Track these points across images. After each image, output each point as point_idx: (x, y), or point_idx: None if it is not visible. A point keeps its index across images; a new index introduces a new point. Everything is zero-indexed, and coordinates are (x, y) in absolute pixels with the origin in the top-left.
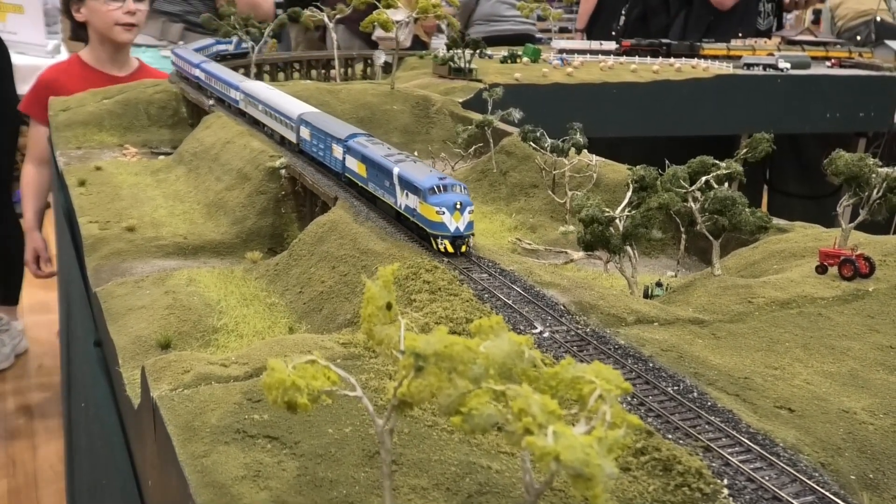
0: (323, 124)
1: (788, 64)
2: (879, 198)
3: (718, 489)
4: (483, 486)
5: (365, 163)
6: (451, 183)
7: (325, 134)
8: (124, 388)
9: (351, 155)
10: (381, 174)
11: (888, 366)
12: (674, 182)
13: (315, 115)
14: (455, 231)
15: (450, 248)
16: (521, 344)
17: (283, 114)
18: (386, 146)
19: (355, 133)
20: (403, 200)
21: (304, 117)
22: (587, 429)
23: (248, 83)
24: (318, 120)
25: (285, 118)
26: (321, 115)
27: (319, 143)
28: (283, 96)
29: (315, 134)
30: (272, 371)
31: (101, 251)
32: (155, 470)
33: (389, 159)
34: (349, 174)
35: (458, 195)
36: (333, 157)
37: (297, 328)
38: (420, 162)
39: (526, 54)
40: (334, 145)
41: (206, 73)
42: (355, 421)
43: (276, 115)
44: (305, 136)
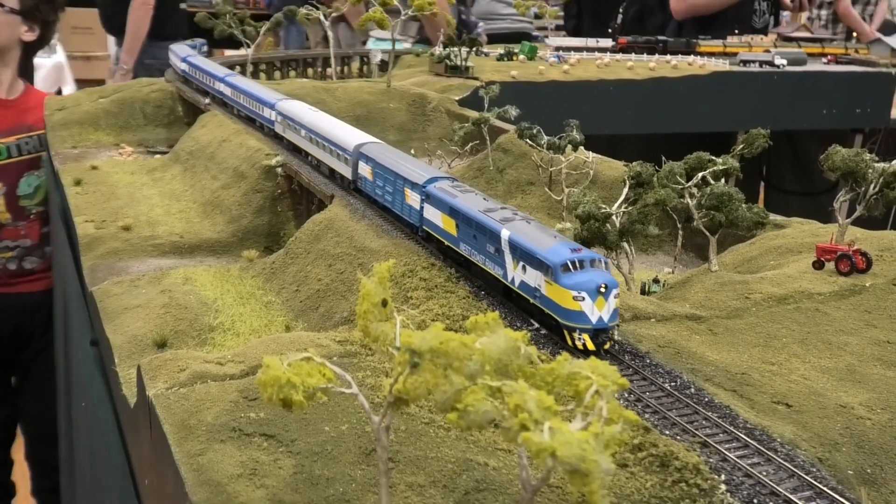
0: (392, 162)
1: (785, 60)
2: (876, 193)
3: (716, 484)
4: (480, 483)
5: (455, 217)
6: (589, 256)
7: (396, 175)
8: (120, 387)
9: (433, 205)
10: (480, 235)
11: (885, 360)
12: (670, 178)
13: (380, 150)
14: (598, 323)
15: (590, 345)
16: (517, 340)
17: (336, 144)
18: (482, 196)
19: (437, 176)
20: (517, 275)
21: (364, 151)
22: (584, 425)
23: (286, 102)
24: (384, 156)
25: (338, 149)
26: (388, 151)
27: (386, 186)
28: (334, 122)
29: (380, 173)
30: (267, 368)
31: (96, 250)
32: (151, 468)
33: (492, 216)
34: (430, 228)
35: (600, 273)
36: (407, 204)
37: (293, 326)
38: (533, 221)
39: (522, 52)
40: (408, 190)
41: (232, 88)
42: (352, 418)
43: (325, 145)
44: (365, 174)
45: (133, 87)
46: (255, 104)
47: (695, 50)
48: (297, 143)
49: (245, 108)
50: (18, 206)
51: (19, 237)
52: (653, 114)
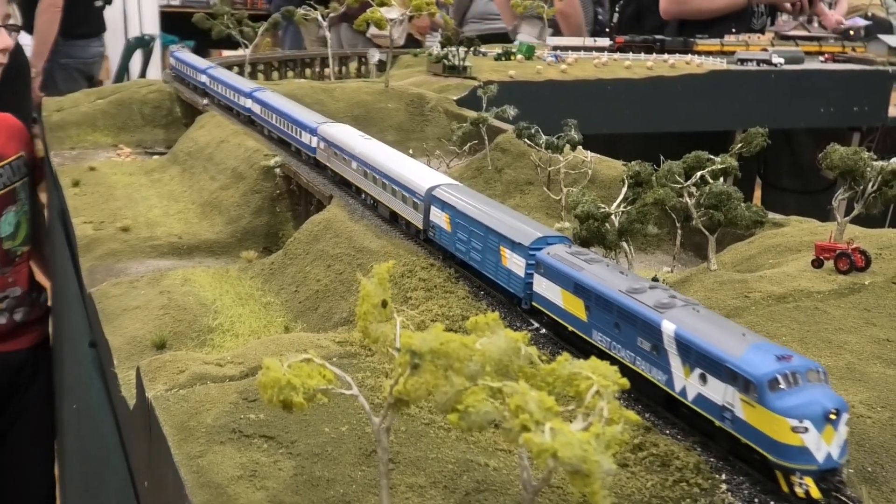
0: (480, 212)
1: (782, 59)
2: (874, 191)
3: (717, 484)
4: (480, 484)
5: (584, 297)
6: (804, 365)
7: (487, 230)
8: (119, 389)
9: (547, 277)
10: (627, 325)
11: (885, 359)
12: (669, 177)
13: (462, 195)
14: (826, 462)
15: (815, 492)
16: (517, 341)
17: (401, 183)
18: (616, 268)
19: (548, 236)
20: (692, 385)
21: (439, 195)
22: (584, 425)
23: (330, 127)
24: (468, 203)
25: (404, 190)
26: (472, 197)
27: (472, 241)
28: (395, 155)
29: (462, 224)
30: (267, 370)
31: (95, 251)
32: (150, 470)
33: (642, 300)
34: (543, 306)
35: (823, 391)
36: (504, 268)
37: (292, 327)
38: (701, 307)
39: (520, 52)
40: (506, 250)
41: (262, 106)
42: (352, 420)
43: (385, 183)
44: (440, 223)
45: (131, 88)
46: (291, 127)
47: (692, 49)
48: (347, 176)
49: (278, 130)
50: (2, 251)
51: (7, 286)
52: (650, 113)
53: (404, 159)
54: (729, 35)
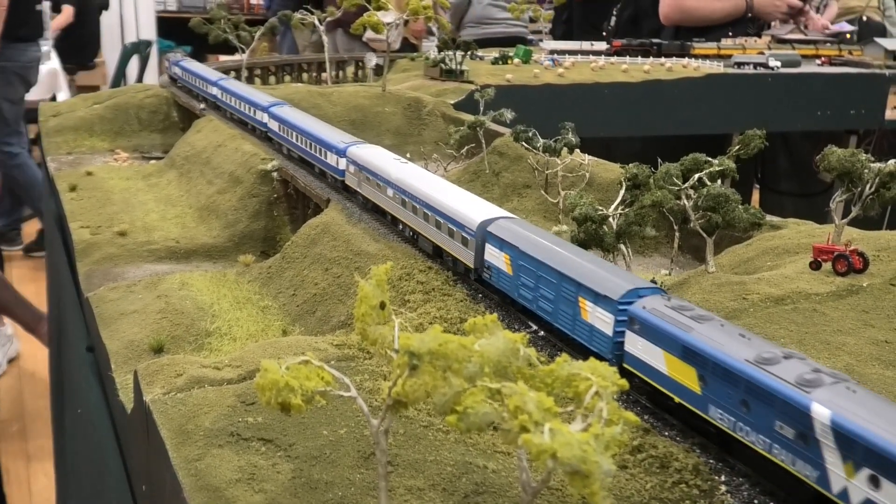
0: (551, 255)
1: (779, 62)
2: (872, 193)
3: (716, 485)
4: (479, 486)
5: (697, 365)
6: None
7: (560, 276)
8: (117, 393)
9: (646, 336)
10: (760, 405)
11: (883, 360)
12: (667, 179)
13: (523, 232)
14: None
15: None
16: (516, 342)
17: (448, 216)
18: (734, 328)
19: (639, 287)
20: (857, 488)
21: (496, 231)
22: (584, 426)
23: (361, 149)
24: (534, 242)
25: (452, 224)
26: (537, 234)
27: (540, 287)
28: (439, 183)
29: (527, 267)
30: (265, 372)
31: (92, 256)
32: (148, 474)
33: (777, 372)
34: (640, 370)
35: None
36: (583, 322)
37: (290, 331)
38: (857, 386)
39: (517, 55)
40: (586, 302)
41: (280, 122)
42: (350, 422)
43: (428, 214)
44: (497, 264)
45: (128, 93)
46: (314, 147)
47: (689, 52)
48: (381, 203)
49: (299, 150)
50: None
51: None
52: (648, 116)
53: (450, 188)
54: (726, 39)
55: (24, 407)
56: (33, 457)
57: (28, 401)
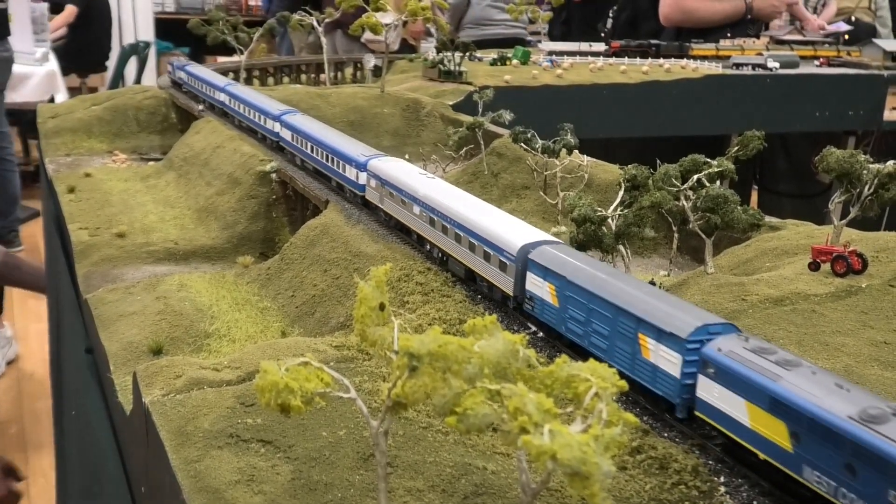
0: (604, 287)
1: (777, 63)
2: (871, 194)
3: (715, 486)
4: (479, 488)
5: (785, 417)
6: None
7: (618, 311)
8: (116, 395)
9: (723, 382)
10: (867, 470)
11: (882, 361)
12: (666, 181)
13: (573, 260)
14: None
15: None
16: (515, 343)
17: (485, 238)
18: (829, 376)
19: (709, 324)
20: None
21: (539, 258)
22: (583, 427)
23: (382, 162)
24: (585, 275)
25: (489, 247)
26: (590, 265)
27: (594, 321)
28: (471, 200)
29: (575, 298)
30: (265, 373)
31: (91, 257)
32: (147, 476)
33: (889, 433)
34: (715, 418)
35: None
36: (648, 363)
37: (289, 332)
38: None
39: (515, 56)
40: (648, 340)
41: (294, 132)
42: (349, 423)
43: (460, 235)
44: (541, 294)
45: (126, 95)
46: (332, 159)
47: (687, 53)
48: (406, 222)
49: (314, 161)
50: None
51: None
52: (646, 117)
53: (485, 206)
54: (724, 40)
55: (23, 409)
56: (32, 458)
57: (27, 402)
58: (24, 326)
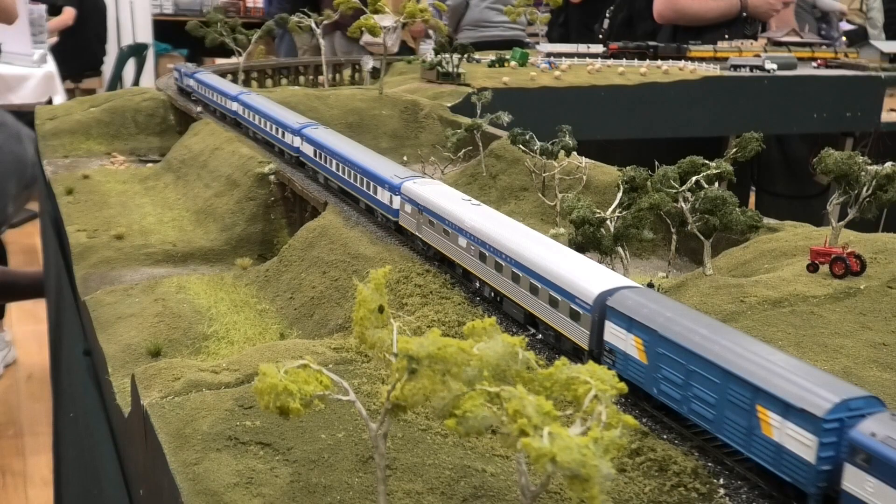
0: (709, 347)
1: (775, 65)
2: (869, 195)
3: (714, 489)
4: (478, 490)
5: None
6: None
7: (728, 376)
8: (114, 397)
9: (884, 477)
10: None
11: (881, 363)
12: (664, 182)
13: (666, 312)
14: None
15: None
16: (514, 345)
17: (552, 282)
18: None
19: (852, 398)
20: None
21: (620, 306)
22: (583, 430)
23: (420, 186)
24: (684, 329)
25: (558, 291)
26: (688, 317)
27: (694, 385)
28: (531, 235)
29: (675, 359)
30: (264, 376)
31: (89, 259)
32: (146, 478)
33: None
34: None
35: None
36: (769, 441)
37: (288, 334)
38: None
39: (514, 58)
40: (772, 415)
41: (316, 147)
42: (348, 426)
43: (521, 275)
44: (627, 349)
45: (124, 97)
46: (360, 179)
47: (685, 55)
48: (449, 253)
49: (340, 180)
50: None
51: None
52: (645, 119)
53: (550, 243)
54: (722, 41)
55: (21, 412)
56: (30, 461)
57: (25, 405)
58: (22, 329)
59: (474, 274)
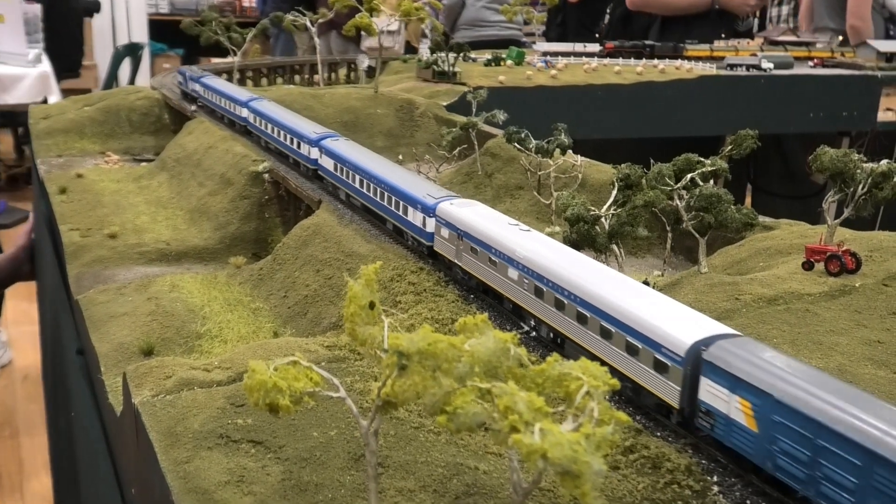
0: (840, 410)
1: (771, 64)
2: (865, 193)
3: (708, 486)
4: (470, 488)
5: None
6: None
7: (873, 457)
8: (107, 396)
9: None
10: None
11: (876, 360)
12: (659, 180)
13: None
14: None
15: None
16: (506, 341)
17: (630, 326)
18: None
19: None
20: None
21: (726, 363)
22: (575, 426)
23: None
24: (795, 385)
25: (638, 338)
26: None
27: (822, 461)
28: (599, 270)
29: (799, 431)
30: (253, 373)
31: (82, 258)
32: (138, 477)
33: None
34: None
35: None
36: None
37: (281, 332)
38: None
39: (510, 57)
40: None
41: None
42: (340, 424)
43: (590, 317)
44: (731, 413)
45: (118, 95)
46: (389, 199)
47: (682, 54)
48: (495, 286)
49: (365, 198)
50: None
51: None
52: (641, 118)
53: (621, 279)
54: (718, 41)
55: (17, 413)
56: (26, 461)
57: (21, 406)
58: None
59: (528, 311)
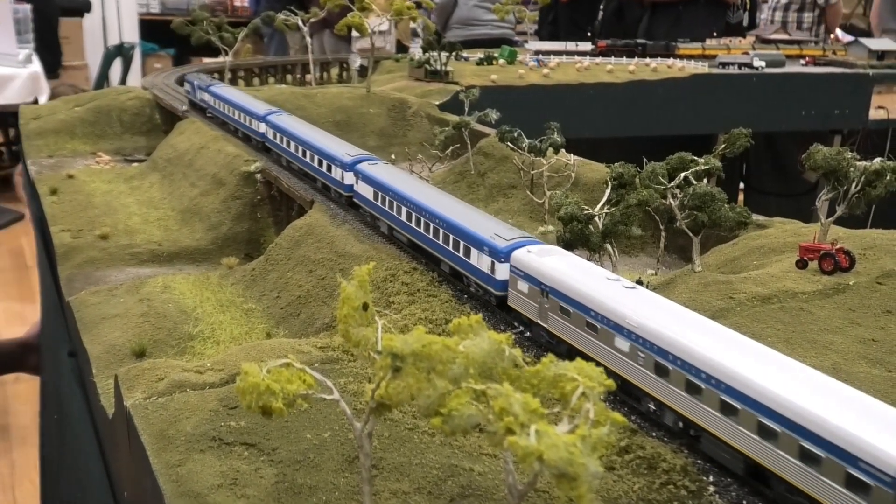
0: None
1: (763, 62)
2: (858, 191)
3: (704, 486)
4: (465, 489)
5: None
6: None
7: None
8: (98, 398)
9: None
10: None
11: (870, 359)
12: (652, 179)
13: None
14: None
15: None
16: (501, 342)
17: (811, 432)
18: None
19: None
20: None
21: None
22: (570, 427)
23: (536, 255)
24: None
25: (825, 448)
26: None
27: None
28: (738, 341)
29: None
30: (246, 375)
31: (73, 260)
32: (130, 480)
33: None
34: None
35: None
36: None
37: (274, 333)
38: None
39: (502, 56)
40: None
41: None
42: (334, 426)
43: (732, 399)
44: None
45: (109, 96)
46: (445, 235)
47: (674, 53)
48: (603, 360)
49: (410, 232)
50: None
51: None
52: (633, 117)
53: (774, 357)
54: (710, 39)
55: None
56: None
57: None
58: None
59: (645, 391)
